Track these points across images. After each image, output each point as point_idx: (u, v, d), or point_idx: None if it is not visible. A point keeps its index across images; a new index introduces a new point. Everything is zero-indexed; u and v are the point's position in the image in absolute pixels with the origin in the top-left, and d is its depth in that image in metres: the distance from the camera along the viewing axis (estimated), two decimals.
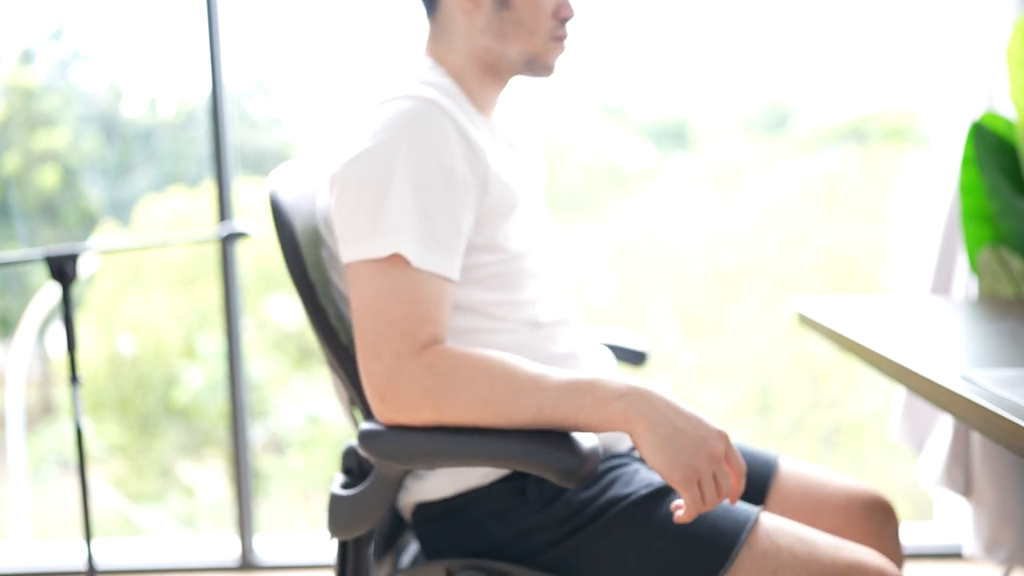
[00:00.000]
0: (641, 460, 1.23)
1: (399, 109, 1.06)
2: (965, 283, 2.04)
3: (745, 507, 1.09)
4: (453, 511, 1.15)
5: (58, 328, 3.54)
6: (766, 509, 1.28)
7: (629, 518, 1.08)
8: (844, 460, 3.58)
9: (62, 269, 1.64)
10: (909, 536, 2.43)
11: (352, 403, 1.18)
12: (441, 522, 1.15)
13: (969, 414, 0.97)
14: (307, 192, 1.25)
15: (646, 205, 3.82)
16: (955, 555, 2.35)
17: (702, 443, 0.95)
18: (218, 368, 3.66)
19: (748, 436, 3.52)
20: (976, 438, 2.04)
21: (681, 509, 0.97)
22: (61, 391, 3.97)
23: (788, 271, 3.62)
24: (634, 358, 1.60)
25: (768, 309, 3.57)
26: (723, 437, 0.97)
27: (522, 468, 0.97)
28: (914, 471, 2.85)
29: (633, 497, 1.10)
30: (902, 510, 3.46)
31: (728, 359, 3.61)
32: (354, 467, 1.10)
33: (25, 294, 3.83)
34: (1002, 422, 0.89)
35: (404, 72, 1.18)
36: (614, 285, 3.76)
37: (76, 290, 1.67)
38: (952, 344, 1.27)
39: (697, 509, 0.95)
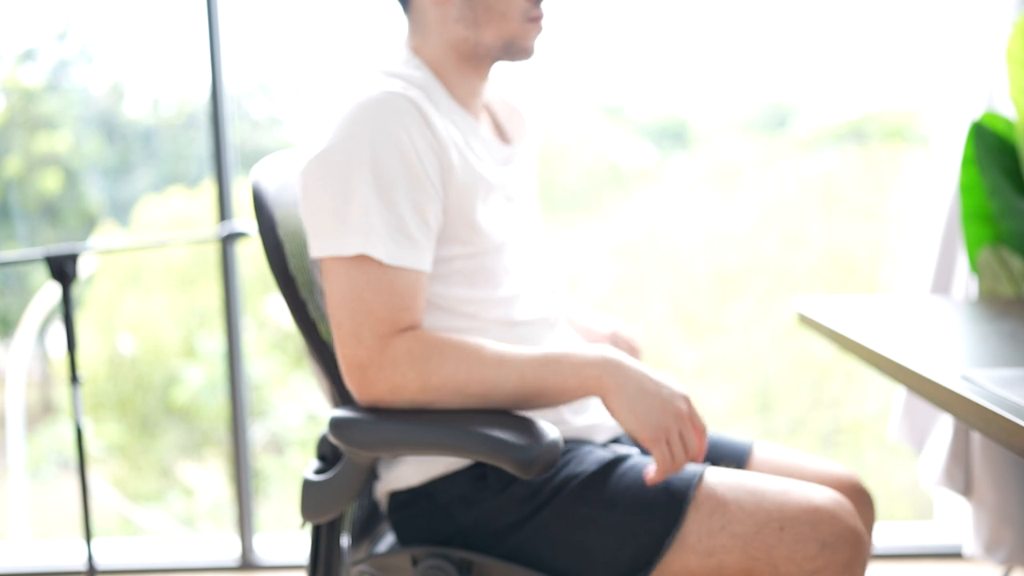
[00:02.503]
0: (602, 445, 1.24)
1: (359, 104, 1.07)
2: (965, 283, 2.03)
3: (691, 468, 1.09)
4: (421, 498, 1.17)
5: (58, 328, 3.54)
6: None
7: (582, 495, 1.10)
8: (844, 460, 3.58)
9: (62, 269, 1.64)
10: (909, 536, 2.43)
11: (328, 393, 1.21)
12: (410, 509, 1.18)
13: (969, 414, 0.97)
14: (289, 184, 1.27)
15: (646, 205, 3.82)
16: (955, 555, 2.34)
17: (668, 403, 1.02)
18: (218, 368, 3.66)
19: (749, 436, 3.51)
20: (976, 438, 2.04)
21: (652, 472, 1.02)
22: (61, 391, 3.97)
23: (788, 271, 3.62)
24: None
25: (768, 309, 3.57)
26: (685, 398, 1.05)
27: (482, 459, 1.00)
28: (914, 471, 2.85)
29: (584, 475, 1.11)
30: (902, 510, 3.46)
31: (728, 359, 3.61)
32: (328, 454, 1.12)
33: (25, 294, 3.83)
34: (1002, 422, 0.89)
35: (377, 63, 1.17)
36: (614, 285, 3.76)
37: (76, 290, 1.67)
38: (952, 344, 1.27)
39: (667, 467, 1.01)
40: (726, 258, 3.64)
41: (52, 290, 3.56)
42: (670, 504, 1.05)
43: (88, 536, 1.71)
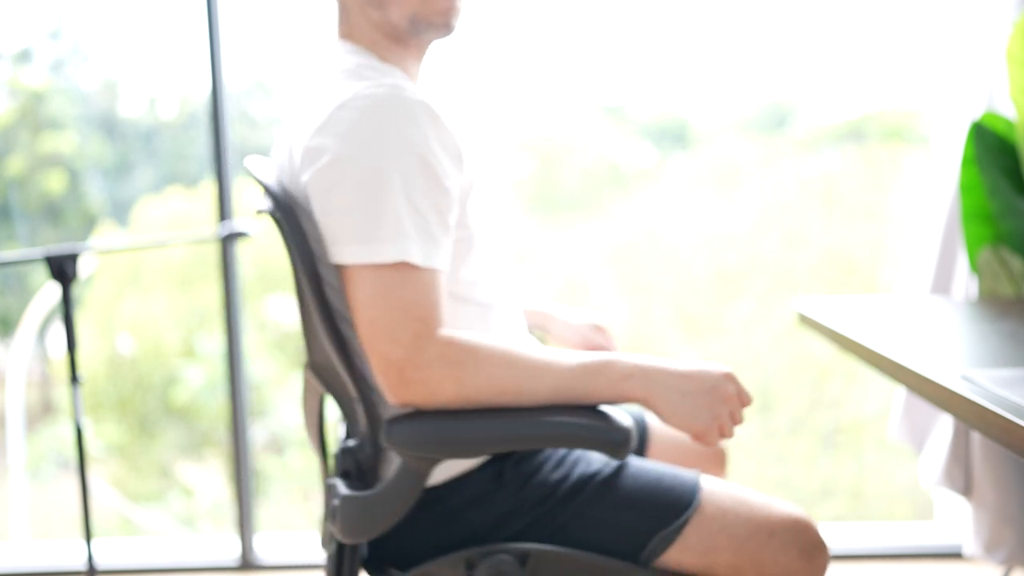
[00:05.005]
0: None
1: (374, 106, 1.05)
2: (965, 283, 2.03)
3: (687, 473, 1.18)
4: (429, 502, 1.15)
5: (58, 328, 3.54)
6: (649, 452, 1.43)
7: (600, 497, 1.14)
8: (844, 460, 3.58)
9: (62, 269, 1.64)
10: (909, 536, 2.43)
11: (356, 401, 1.14)
12: (416, 513, 1.16)
13: (969, 414, 0.97)
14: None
15: (646, 205, 3.82)
16: (955, 555, 2.34)
17: (712, 394, 1.05)
18: (218, 368, 3.67)
19: (748, 436, 3.51)
20: (976, 438, 2.04)
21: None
22: (61, 391, 3.97)
23: (788, 271, 3.62)
24: None
25: (768, 309, 3.57)
26: (730, 378, 1.06)
27: (576, 445, 1.01)
28: (914, 471, 2.85)
29: (600, 476, 1.15)
30: (902, 510, 3.46)
31: (728, 359, 3.61)
32: (352, 468, 1.08)
33: (25, 294, 3.83)
34: (1002, 422, 0.89)
35: (334, 61, 1.15)
36: (614, 285, 3.76)
37: (76, 290, 1.67)
38: (952, 344, 1.27)
39: (715, 444, 1.07)
40: (726, 258, 3.65)
41: (52, 290, 3.57)
42: (678, 507, 1.13)
43: (88, 536, 1.71)
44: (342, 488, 1.06)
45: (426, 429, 1.01)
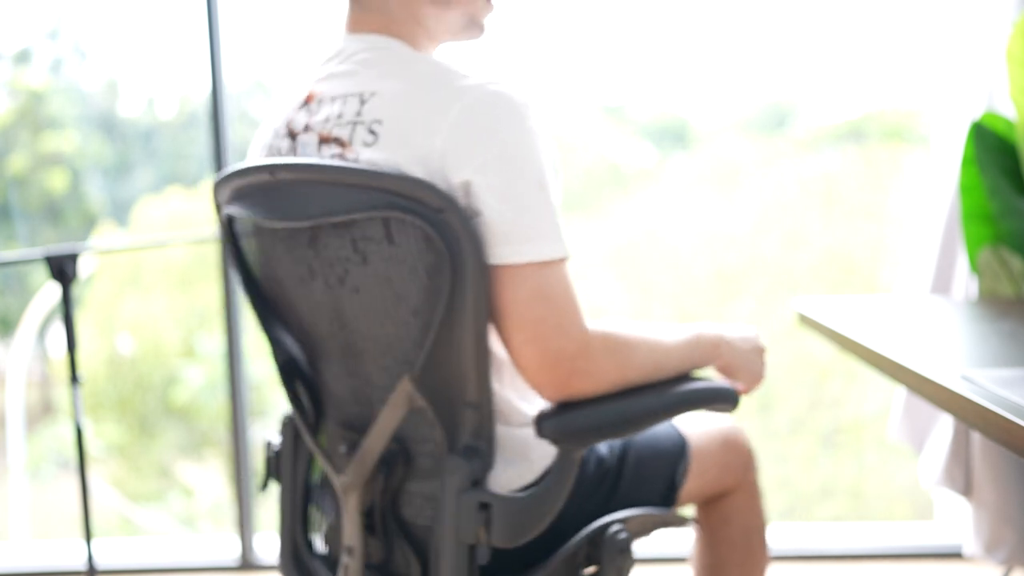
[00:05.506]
0: None
1: (507, 104, 1.03)
2: (965, 283, 2.03)
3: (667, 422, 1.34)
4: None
5: (58, 328, 3.55)
6: None
7: (636, 458, 1.26)
8: (844, 460, 3.58)
9: (62, 269, 1.64)
10: (909, 536, 2.43)
11: (471, 406, 1.08)
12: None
13: (969, 414, 0.97)
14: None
15: (646, 205, 3.82)
16: (955, 555, 2.34)
17: (759, 350, 1.25)
18: (218, 368, 3.67)
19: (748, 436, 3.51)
20: (976, 438, 2.04)
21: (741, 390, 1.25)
22: (61, 391, 3.97)
23: (788, 271, 3.62)
24: None
25: (768, 309, 3.57)
26: (759, 335, 1.25)
27: (703, 408, 1.15)
28: (914, 471, 2.85)
29: (632, 442, 1.27)
30: (902, 510, 3.46)
31: None
32: (480, 476, 1.06)
33: (25, 294, 3.83)
34: (1002, 422, 0.89)
35: (384, 55, 1.11)
36: (614, 285, 3.76)
37: (76, 290, 1.67)
38: (952, 344, 1.27)
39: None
40: (726, 258, 3.65)
41: (52, 290, 3.57)
42: (682, 448, 1.31)
43: (88, 536, 1.71)
44: (491, 494, 1.05)
45: (592, 417, 1.07)
